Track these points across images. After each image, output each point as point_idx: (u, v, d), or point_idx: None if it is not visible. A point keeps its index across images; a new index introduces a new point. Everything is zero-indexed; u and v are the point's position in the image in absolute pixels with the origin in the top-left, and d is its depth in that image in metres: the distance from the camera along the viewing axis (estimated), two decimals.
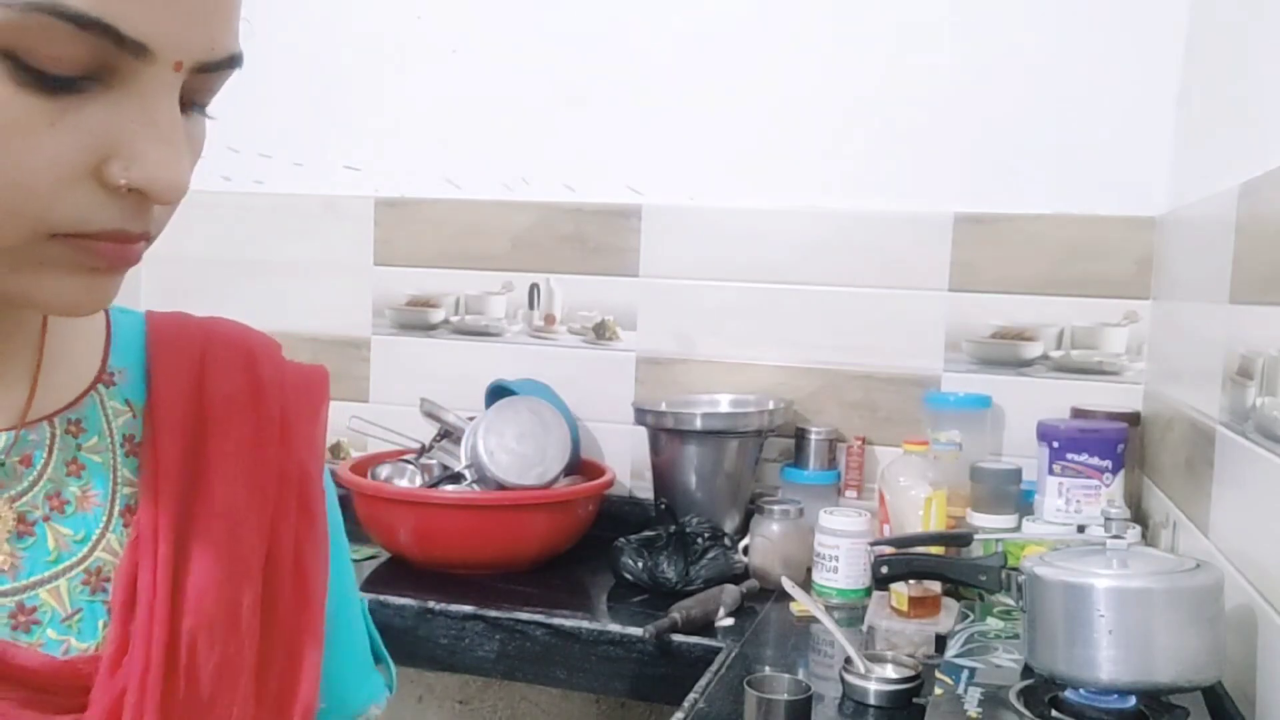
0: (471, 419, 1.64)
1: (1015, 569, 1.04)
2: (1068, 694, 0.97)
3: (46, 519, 0.50)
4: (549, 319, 1.87)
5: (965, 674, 1.07)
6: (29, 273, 0.44)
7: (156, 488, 0.52)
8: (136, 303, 0.62)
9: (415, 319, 1.92)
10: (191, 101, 0.47)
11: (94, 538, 0.52)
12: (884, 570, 1.15)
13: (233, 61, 0.48)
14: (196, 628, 0.51)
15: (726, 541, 1.55)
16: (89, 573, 0.51)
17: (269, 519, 0.56)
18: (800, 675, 1.10)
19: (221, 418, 0.56)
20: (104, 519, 0.52)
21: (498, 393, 1.72)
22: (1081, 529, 1.39)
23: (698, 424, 1.64)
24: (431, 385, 1.80)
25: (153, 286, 2.11)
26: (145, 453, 0.54)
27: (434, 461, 1.68)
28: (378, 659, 0.69)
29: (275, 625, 0.55)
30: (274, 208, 2.01)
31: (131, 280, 0.46)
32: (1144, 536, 1.43)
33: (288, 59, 2.02)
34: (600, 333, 1.84)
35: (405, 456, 1.72)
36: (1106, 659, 0.91)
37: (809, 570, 1.50)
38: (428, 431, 1.74)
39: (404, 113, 1.90)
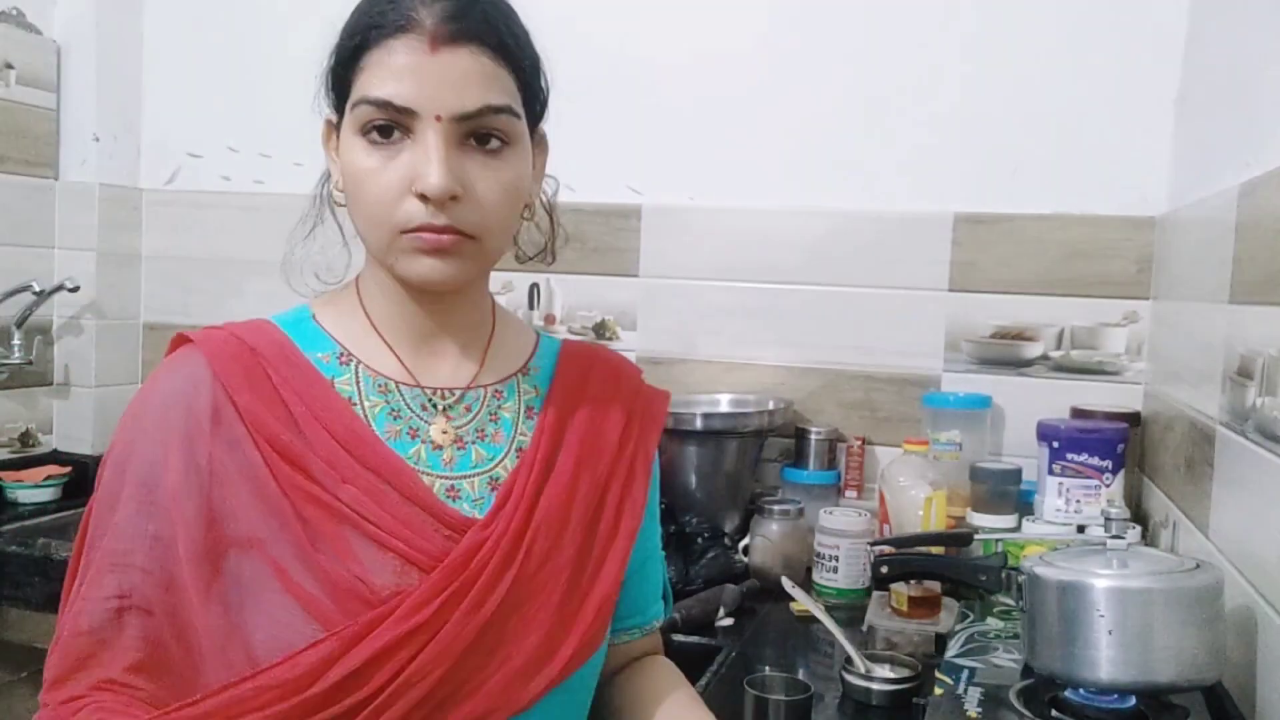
0: None
1: (1015, 569, 1.04)
2: (1068, 694, 0.97)
3: (473, 443, 0.86)
4: (549, 319, 1.87)
5: (965, 674, 1.07)
6: (393, 254, 0.79)
7: (539, 440, 0.86)
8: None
9: None
10: (481, 145, 0.78)
11: (497, 459, 0.86)
12: (884, 570, 1.15)
13: (490, 110, 0.77)
14: (540, 522, 0.83)
15: (726, 541, 1.55)
16: (491, 479, 0.85)
17: (604, 476, 0.88)
18: (800, 675, 1.10)
19: (592, 403, 0.90)
20: (504, 451, 0.87)
21: None
22: (1081, 529, 1.39)
23: (697, 424, 1.64)
24: None
25: (154, 283, 2.11)
26: (541, 417, 0.88)
27: None
28: (664, 595, 1.01)
29: (593, 542, 0.86)
30: (274, 207, 2.01)
31: (133, 280, 0.45)
32: (1144, 536, 1.43)
33: (287, 60, 2.01)
34: (600, 333, 1.84)
35: None
36: (1106, 659, 0.91)
37: (809, 570, 1.50)
38: None
39: None
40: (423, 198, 0.75)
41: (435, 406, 0.85)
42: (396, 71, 0.75)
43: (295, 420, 0.79)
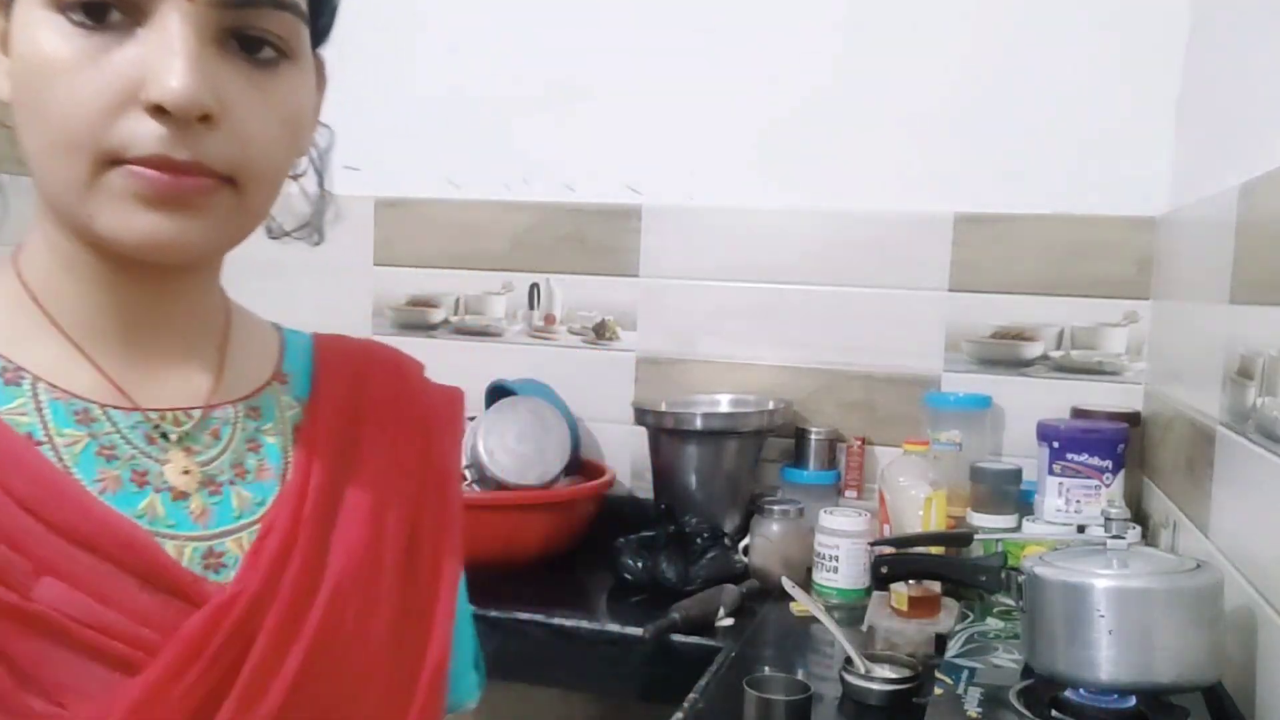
0: (471, 419, 1.64)
1: (1015, 569, 1.04)
2: (1068, 694, 0.97)
3: (231, 483, 0.59)
4: (549, 319, 1.87)
5: (965, 674, 1.07)
6: (95, 201, 0.51)
7: (310, 466, 0.61)
8: None
9: (415, 319, 1.91)
10: (248, 49, 0.53)
11: (269, 501, 0.60)
12: (884, 570, 1.15)
13: (260, 1, 0.52)
14: (343, 573, 0.59)
15: (726, 541, 1.55)
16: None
17: (414, 503, 0.65)
18: (800, 675, 1.10)
19: (375, 416, 0.66)
20: (278, 487, 0.61)
21: (497, 393, 1.72)
22: (1081, 529, 1.38)
23: (697, 424, 1.64)
24: None
25: None
26: (304, 429, 0.63)
27: None
28: (476, 663, 0.76)
29: (413, 594, 0.63)
30: (275, 208, 2.01)
31: None
32: (1144, 536, 1.43)
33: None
34: (600, 333, 1.84)
35: None
36: (1106, 659, 0.91)
37: (809, 570, 1.50)
38: None
39: (404, 113, 1.90)
40: (157, 111, 0.49)
41: (166, 437, 0.58)
42: None
43: None
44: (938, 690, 1.02)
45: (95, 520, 0.53)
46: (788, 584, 1.27)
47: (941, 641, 1.21)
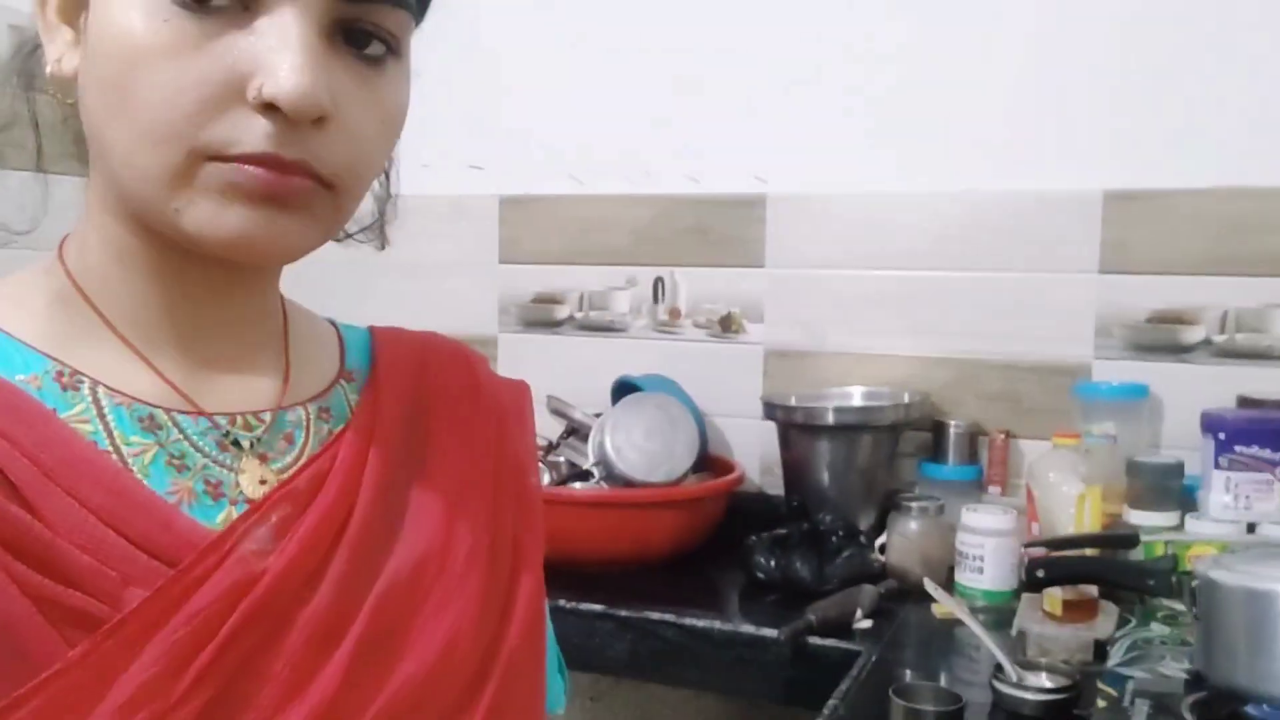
0: (598, 416, 1.63)
1: (1187, 573, 0.96)
2: (1249, 709, 0.89)
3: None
4: (674, 313, 1.84)
5: (1130, 684, 1.00)
6: (185, 195, 0.47)
7: (365, 448, 0.56)
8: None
9: (540, 316, 1.92)
10: (359, 48, 0.50)
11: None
12: (1039, 574, 1.07)
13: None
14: (400, 571, 0.54)
15: (862, 540, 1.50)
16: None
17: (490, 497, 0.60)
18: (945, 682, 1.04)
19: (441, 407, 0.61)
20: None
21: (623, 389, 1.71)
22: (1252, 528, 1.29)
23: (829, 418, 1.59)
24: (557, 382, 1.79)
25: (289, 288, 2.17)
26: (359, 418, 0.57)
27: (561, 459, 1.67)
28: (560, 667, 0.71)
29: (493, 593, 0.58)
30: (402, 209, 2.04)
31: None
32: None
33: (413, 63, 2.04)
34: (726, 326, 1.81)
35: None
36: None
37: (950, 570, 1.44)
38: (554, 429, 1.73)
39: (526, 110, 1.90)
40: (268, 108, 0.46)
41: (238, 444, 0.54)
42: None
43: (16, 487, 0.46)
44: (1100, 702, 0.96)
45: (178, 533, 0.49)
46: (930, 585, 1.21)
47: (1100, 648, 1.14)
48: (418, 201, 0.94)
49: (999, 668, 1.05)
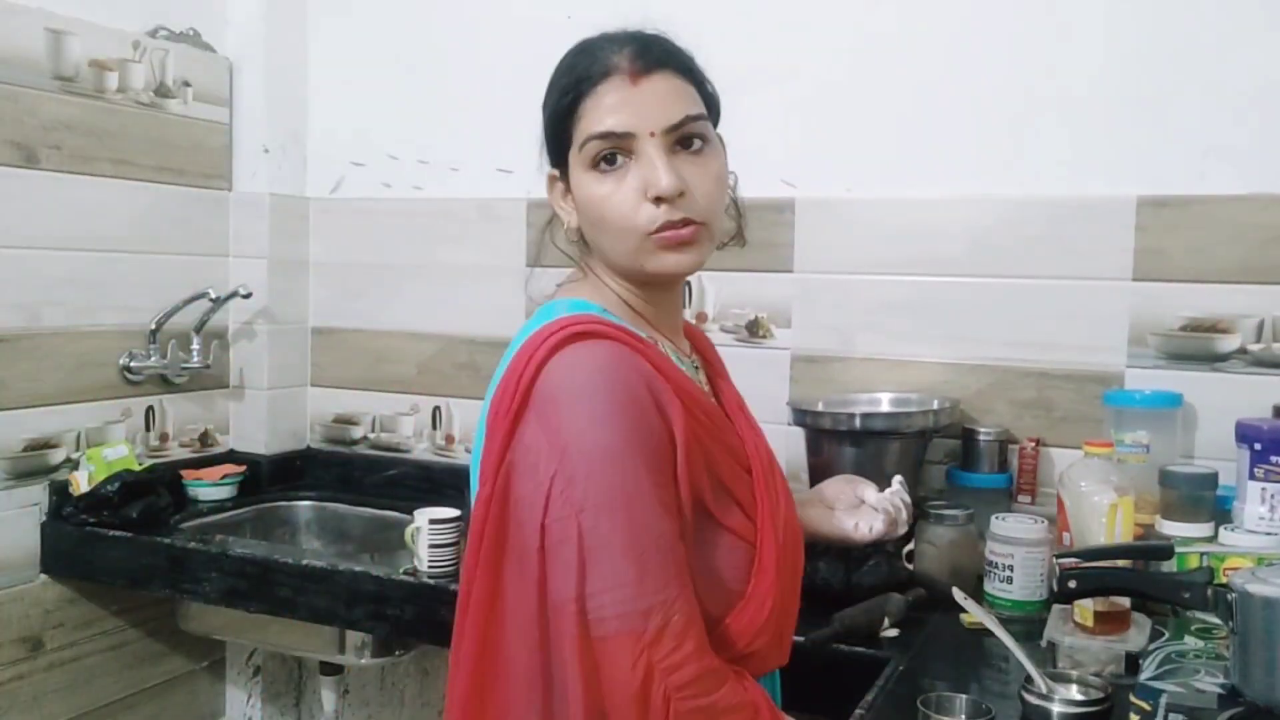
0: None
1: (1223, 586, 0.95)
2: None
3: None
4: (701, 317, 1.83)
5: (1163, 698, 0.98)
6: (642, 256, 0.92)
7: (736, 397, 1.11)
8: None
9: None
10: (688, 148, 0.93)
11: None
12: (1071, 585, 1.06)
13: (689, 119, 0.92)
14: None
15: (889, 547, 1.48)
16: None
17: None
18: (974, 693, 1.03)
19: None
20: None
21: None
22: None
23: (857, 424, 1.58)
24: None
25: (321, 289, 2.19)
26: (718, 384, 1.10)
27: None
28: None
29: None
30: (431, 212, 2.05)
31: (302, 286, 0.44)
32: None
33: (441, 68, 2.06)
34: (754, 330, 1.80)
35: None
36: None
37: (979, 579, 1.42)
38: None
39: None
40: (657, 201, 0.89)
41: (697, 369, 1.04)
42: (611, 107, 0.90)
43: (691, 394, 0.92)
44: (1133, 715, 0.94)
45: (726, 419, 1.03)
46: (959, 594, 1.20)
47: (1132, 661, 1.12)
48: (447, 204, 0.95)
49: (1028, 679, 1.04)
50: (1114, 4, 1.56)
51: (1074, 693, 1.03)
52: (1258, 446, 1.34)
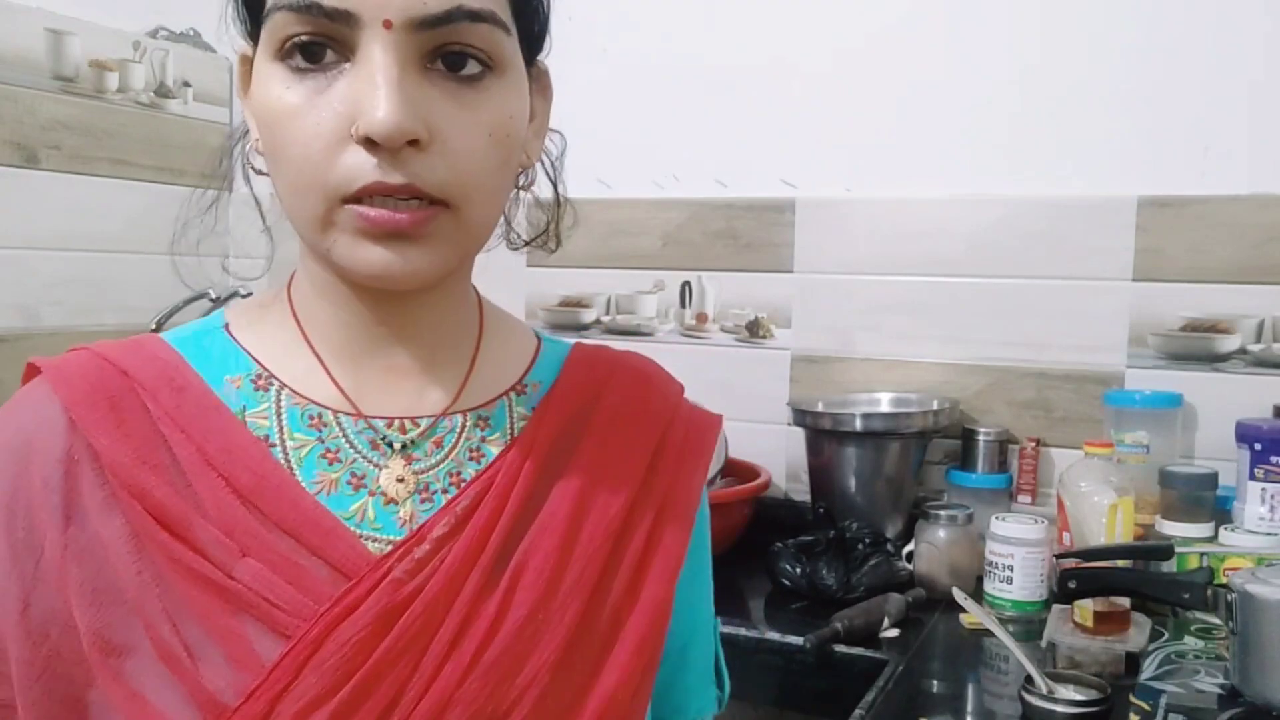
0: None
1: (1224, 586, 0.94)
2: None
3: (444, 491, 0.61)
4: (701, 317, 1.83)
5: (1163, 698, 0.98)
6: (331, 236, 0.54)
7: (520, 467, 0.61)
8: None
9: (567, 319, 1.92)
10: (451, 69, 0.54)
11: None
12: (1071, 585, 1.06)
13: (459, 14, 0.53)
14: (522, 563, 0.59)
15: (889, 548, 1.48)
16: None
17: (620, 516, 0.62)
18: (973, 693, 1.03)
19: (600, 424, 0.65)
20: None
21: None
22: None
23: (857, 424, 1.58)
24: None
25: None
26: (524, 434, 0.63)
27: None
28: (717, 677, 0.75)
29: (597, 619, 0.60)
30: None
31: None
32: None
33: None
34: (754, 330, 1.80)
35: None
36: None
37: (979, 580, 1.42)
38: None
39: (555, 115, 1.89)
40: (368, 143, 0.51)
41: (390, 445, 0.61)
42: None
43: (180, 467, 0.57)
44: (1133, 715, 0.94)
45: (303, 514, 0.57)
46: (959, 595, 1.20)
47: (1133, 661, 1.12)
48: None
49: (1029, 679, 1.04)
50: (1114, 3, 1.56)
51: (1073, 693, 1.03)
52: (1258, 446, 1.34)
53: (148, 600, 0.55)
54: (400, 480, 0.60)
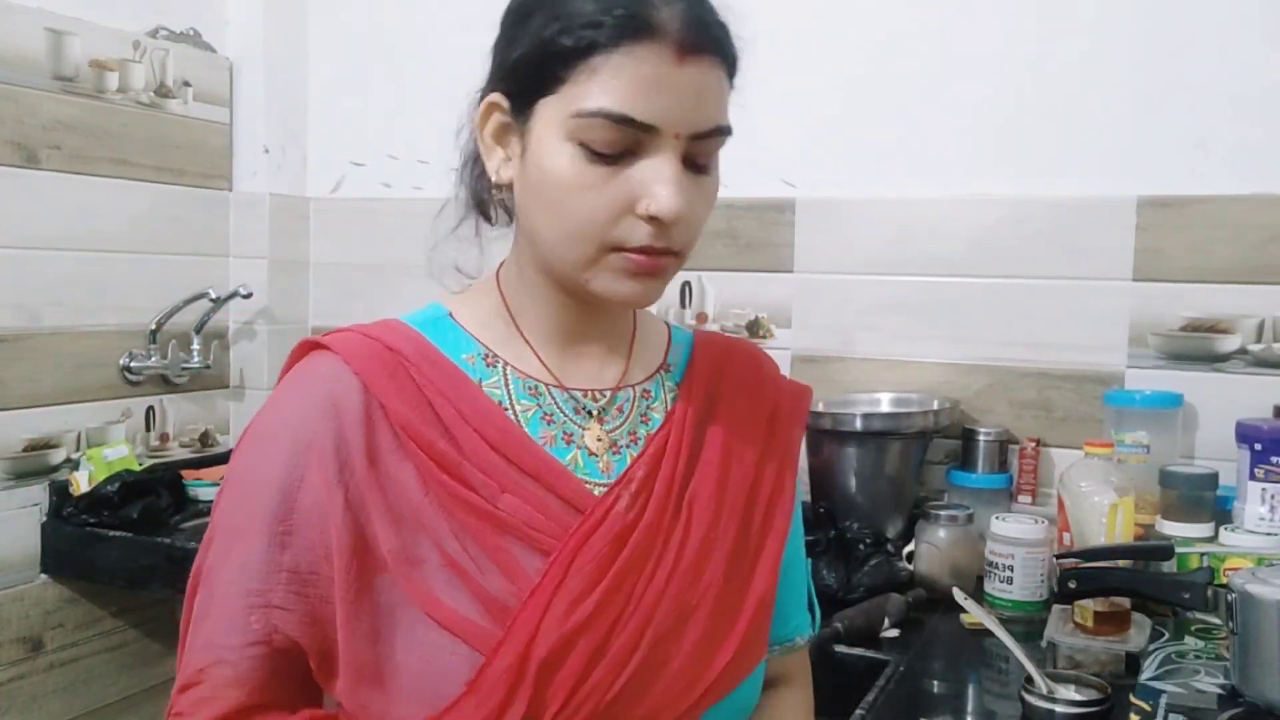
0: None
1: (1224, 586, 0.94)
2: None
3: (627, 447, 0.80)
4: (701, 317, 1.83)
5: (1163, 698, 0.98)
6: (593, 272, 0.73)
7: (682, 430, 0.80)
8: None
9: None
10: (695, 164, 0.73)
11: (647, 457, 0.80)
12: (1071, 585, 1.06)
13: (719, 131, 0.73)
14: (690, 513, 0.77)
15: (889, 548, 1.48)
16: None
17: (752, 469, 0.82)
18: (973, 693, 1.03)
19: (729, 398, 0.84)
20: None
21: None
22: None
23: (857, 424, 1.58)
24: None
25: (321, 289, 2.19)
26: (676, 407, 0.82)
27: None
28: (810, 605, 0.93)
29: (747, 537, 0.80)
30: (431, 213, 2.05)
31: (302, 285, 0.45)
32: None
33: (441, 68, 2.05)
34: (754, 330, 1.80)
35: None
36: None
37: (979, 580, 1.42)
38: None
39: None
40: (651, 219, 0.70)
41: (589, 412, 0.80)
42: (644, 86, 0.68)
43: (444, 424, 0.74)
44: (1133, 715, 0.94)
45: (542, 462, 0.75)
46: (959, 595, 1.20)
47: (1133, 661, 1.12)
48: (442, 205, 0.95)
49: (1029, 679, 1.04)
50: (1113, 3, 1.56)
51: (1074, 693, 1.03)
52: (1258, 447, 1.35)
53: (437, 523, 0.71)
54: (599, 439, 0.79)
